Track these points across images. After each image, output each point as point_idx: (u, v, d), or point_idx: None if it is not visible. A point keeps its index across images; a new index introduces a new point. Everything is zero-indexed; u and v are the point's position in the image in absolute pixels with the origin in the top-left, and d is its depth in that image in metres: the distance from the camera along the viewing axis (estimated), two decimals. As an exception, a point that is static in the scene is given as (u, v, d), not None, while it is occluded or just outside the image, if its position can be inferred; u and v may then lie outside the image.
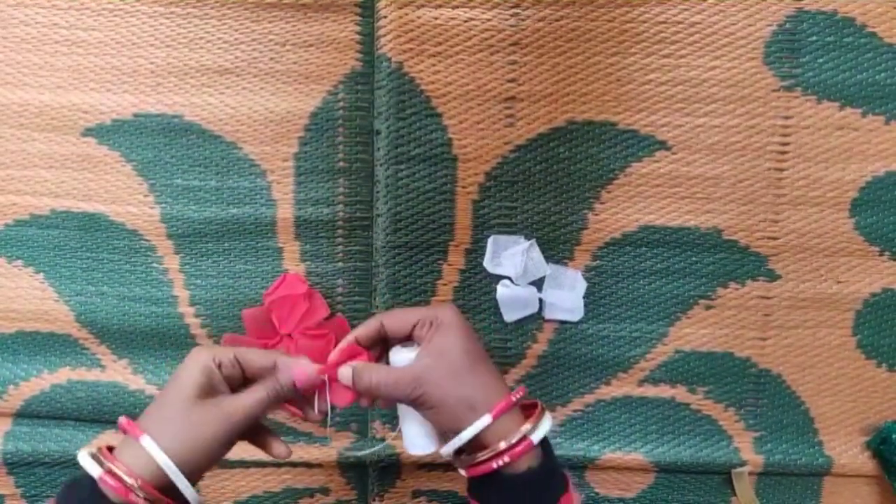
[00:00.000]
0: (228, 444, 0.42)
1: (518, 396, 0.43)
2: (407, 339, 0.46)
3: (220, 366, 0.42)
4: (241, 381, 0.44)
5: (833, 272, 0.59)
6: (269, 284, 0.59)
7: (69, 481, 0.41)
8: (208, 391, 0.41)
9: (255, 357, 0.43)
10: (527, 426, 0.41)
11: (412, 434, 0.47)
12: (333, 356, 0.46)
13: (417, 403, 0.43)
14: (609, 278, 0.59)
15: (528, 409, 0.44)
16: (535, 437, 0.41)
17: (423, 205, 0.57)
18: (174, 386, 0.41)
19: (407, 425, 0.48)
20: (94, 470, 0.39)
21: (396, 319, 0.46)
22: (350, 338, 0.46)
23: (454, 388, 0.42)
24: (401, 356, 0.45)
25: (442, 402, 0.42)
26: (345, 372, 0.45)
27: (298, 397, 0.45)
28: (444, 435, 0.45)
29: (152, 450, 0.39)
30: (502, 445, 0.41)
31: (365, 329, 0.46)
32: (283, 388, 0.43)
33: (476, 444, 0.42)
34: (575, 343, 0.60)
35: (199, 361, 0.42)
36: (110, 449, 0.42)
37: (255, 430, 0.46)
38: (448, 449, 0.44)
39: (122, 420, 0.42)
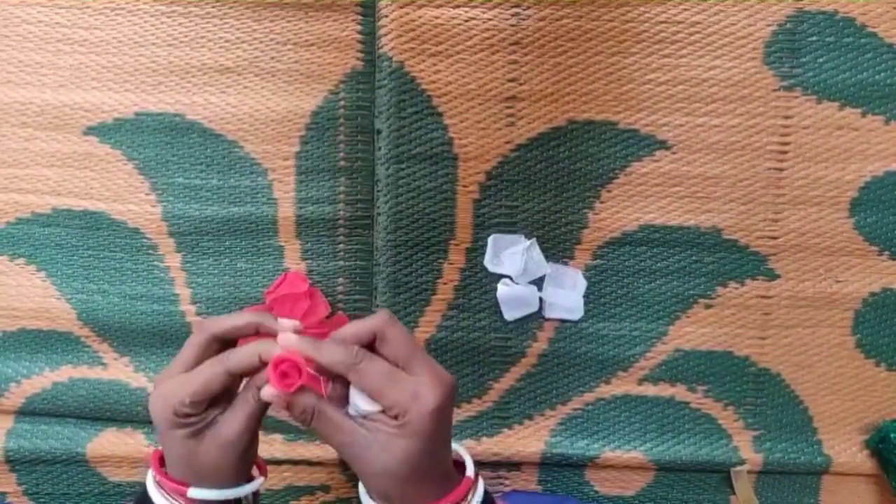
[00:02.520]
0: (247, 448, 0.41)
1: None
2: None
3: (184, 415, 0.40)
4: (222, 388, 0.41)
5: (832, 272, 0.59)
6: (270, 283, 0.59)
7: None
8: (196, 431, 0.40)
9: (206, 383, 0.40)
10: None
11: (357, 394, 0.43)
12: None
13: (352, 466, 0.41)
14: (609, 277, 0.59)
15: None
16: None
17: (424, 204, 0.58)
18: (169, 445, 0.41)
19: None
20: None
21: (396, 346, 0.40)
22: (346, 334, 0.42)
23: (394, 498, 0.40)
24: (361, 403, 0.40)
25: (377, 496, 0.41)
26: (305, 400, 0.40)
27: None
28: None
29: (201, 494, 0.40)
30: None
31: (355, 331, 0.41)
32: (256, 404, 0.41)
33: None
34: (575, 342, 0.60)
35: (164, 420, 0.40)
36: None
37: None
38: None
39: (164, 482, 0.42)
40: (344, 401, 0.41)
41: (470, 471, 0.43)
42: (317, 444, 0.61)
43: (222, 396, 0.41)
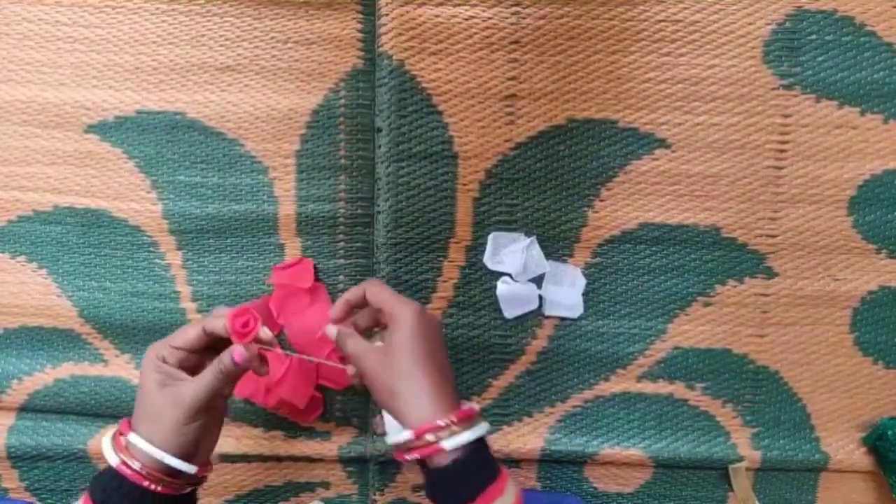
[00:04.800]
0: (193, 423, 0.45)
1: (449, 420, 0.44)
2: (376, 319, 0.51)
3: (163, 360, 0.46)
4: (198, 360, 0.48)
5: (831, 270, 0.59)
6: (271, 283, 0.59)
7: (99, 472, 0.46)
8: (166, 382, 0.46)
9: (186, 336, 0.47)
10: (443, 433, 0.43)
11: (388, 420, 0.50)
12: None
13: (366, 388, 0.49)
14: (608, 275, 0.59)
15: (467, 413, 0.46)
16: (448, 444, 0.43)
17: (424, 202, 0.58)
18: (140, 385, 0.47)
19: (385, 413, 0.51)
20: (113, 459, 0.44)
21: (373, 294, 0.49)
22: (343, 299, 0.51)
23: (388, 394, 0.46)
24: (392, 433, 0.47)
25: (379, 400, 0.47)
26: (330, 330, 0.50)
27: (242, 371, 0.48)
28: None
29: (139, 443, 0.44)
30: (415, 443, 0.44)
31: (353, 292, 0.51)
32: (226, 368, 0.46)
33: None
34: (574, 339, 0.60)
35: (147, 361, 0.47)
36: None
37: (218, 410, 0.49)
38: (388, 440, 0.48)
39: (122, 421, 0.47)
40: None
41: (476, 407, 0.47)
42: (317, 440, 0.61)
43: (197, 368, 0.47)
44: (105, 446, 0.45)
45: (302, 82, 0.57)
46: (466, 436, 0.43)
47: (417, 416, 0.44)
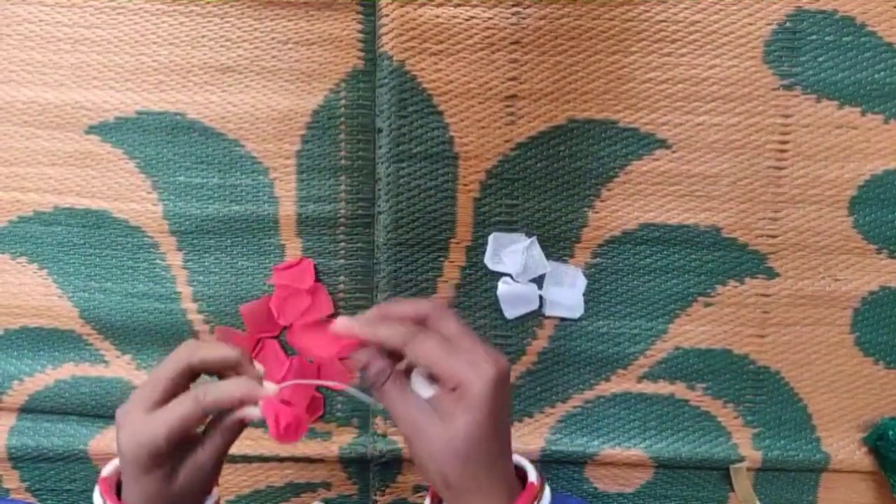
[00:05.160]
0: (217, 473, 0.42)
1: None
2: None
3: (154, 455, 0.39)
4: (199, 424, 0.41)
5: (831, 270, 0.59)
6: (271, 284, 0.59)
7: None
8: (167, 463, 0.40)
9: (181, 416, 0.39)
10: None
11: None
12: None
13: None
14: (609, 276, 0.59)
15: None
16: None
17: (425, 202, 0.58)
18: (133, 476, 0.40)
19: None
20: None
21: (427, 355, 0.39)
22: (394, 312, 0.42)
23: (442, 482, 0.38)
24: (420, 389, 0.40)
25: (425, 476, 0.39)
26: (359, 358, 0.41)
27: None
28: None
29: None
30: None
31: (409, 311, 0.42)
32: (237, 431, 0.41)
33: None
34: (575, 340, 0.60)
35: (132, 463, 0.39)
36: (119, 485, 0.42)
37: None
38: None
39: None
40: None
41: (533, 476, 0.41)
42: (318, 441, 0.61)
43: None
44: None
45: (302, 83, 0.57)
46: None
47: None
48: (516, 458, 0.43)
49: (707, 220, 0.58)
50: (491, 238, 0.58)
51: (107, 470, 0.43)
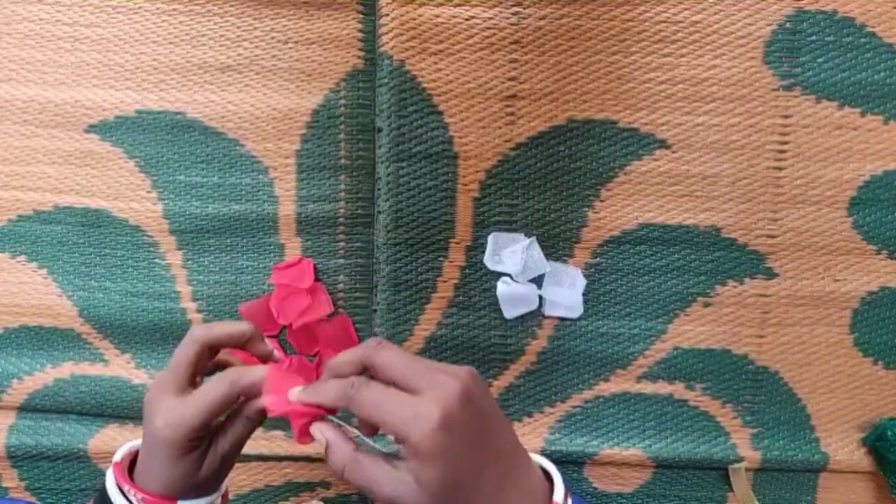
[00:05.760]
0: (235, 461, 0.43)
1: None
2: None
3: (191, 439, 0.40)
4: (231, 405, 0.41)
5: (830, 270, 0.59)
6: (271, 283, 0.59)
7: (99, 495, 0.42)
8: (201, 445, 0.41)
9: (217, 399, 0.40)
10: None
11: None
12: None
13: None
14: (608, 276, 0.59)
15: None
16: None
17: (425, 202, 0.58)
18: (170, 459, 0.40)
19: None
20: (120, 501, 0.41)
21: (370, 409, 0.37)
22: (340, 364, 0.40)
23: None
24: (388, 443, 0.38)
25: None
26: (316, 430, 0.40)
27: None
28: None
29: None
30: None
31: (353, 359, 0.40)
32: (257, 420, 0.42)
33: None
34: (574, 340, 0.60)
35: (171, 447, 0.40)
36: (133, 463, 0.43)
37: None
38: None
39: (147, 499, 0.41)
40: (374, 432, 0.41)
41: (559, 494, 0.39)
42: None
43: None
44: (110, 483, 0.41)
45: (302, 82, 0.57)
46: None
47: None
48: (541, 462, 0.41)
49: (706, 220, 0.58)
50: (490, 238, 0.58)
51: (119, 454, 0.43)
